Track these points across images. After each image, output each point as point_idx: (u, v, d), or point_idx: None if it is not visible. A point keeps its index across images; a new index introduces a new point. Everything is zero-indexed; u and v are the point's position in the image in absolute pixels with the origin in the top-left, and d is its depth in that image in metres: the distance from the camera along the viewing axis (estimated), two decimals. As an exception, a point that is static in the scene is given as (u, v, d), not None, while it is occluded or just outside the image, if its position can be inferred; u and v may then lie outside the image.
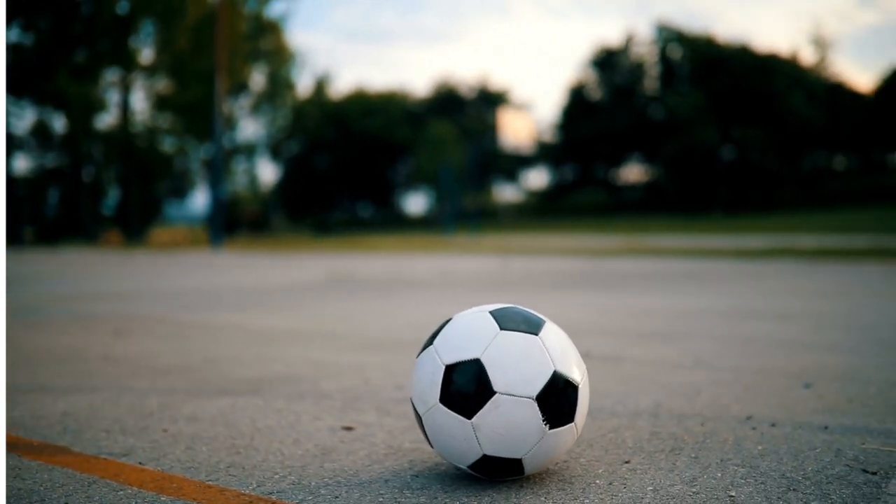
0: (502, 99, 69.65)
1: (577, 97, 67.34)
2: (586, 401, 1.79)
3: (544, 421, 1.67)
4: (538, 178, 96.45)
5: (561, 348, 1.76)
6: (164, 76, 36.55)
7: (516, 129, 56.92)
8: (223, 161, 24.50)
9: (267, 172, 64.99)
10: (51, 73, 32.09)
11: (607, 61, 67.15)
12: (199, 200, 44.60)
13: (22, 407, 2.60)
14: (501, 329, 1.74)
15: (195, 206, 45.58)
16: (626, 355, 3.65)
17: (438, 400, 1.72)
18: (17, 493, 1.75)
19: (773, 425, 2.30)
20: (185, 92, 35.09)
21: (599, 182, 69.35)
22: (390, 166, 66.69)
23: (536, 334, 1.75)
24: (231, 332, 4.57)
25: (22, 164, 35.89)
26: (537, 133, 67.63)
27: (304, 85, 64.78)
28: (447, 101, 69.06)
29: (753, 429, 2.27)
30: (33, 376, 3.17)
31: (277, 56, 43.78)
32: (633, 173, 69.72)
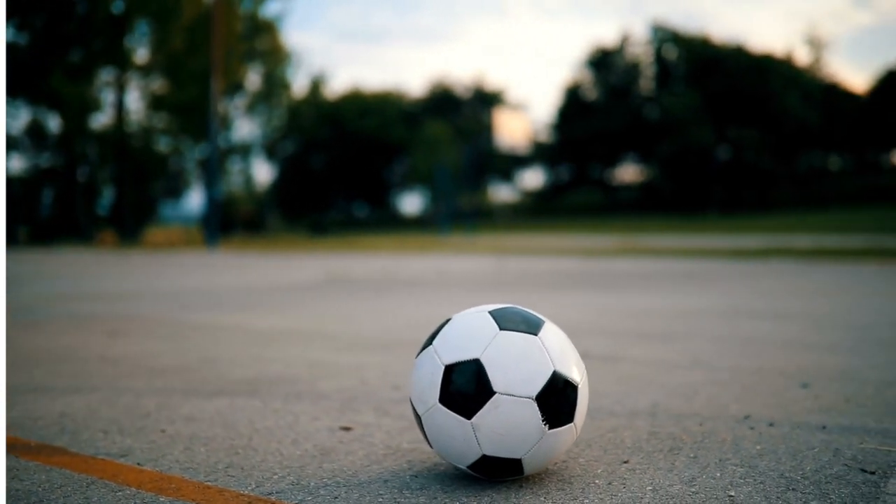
0: (498, 99, 69.73)
1: (573, 97, 67.47)
2: (586, 401, 1.79)
3: (544, 421, 1.67)
4: (533, 179, 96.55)
5: (560, 348, 1.76)
6: (160, 76, 36.52)
7: (512, 129, 56.88)
8: (218, 161, 24.46)
9: (262, 172, 65.12)
10: (45, 72, 32.04)
11: (603, 61, 67.28)
12: (195, 200, 44.58)
13: (19, 407, 2.60)
14: (501, 329, 1.74)
15: (190, 206, 45.55)
16: (624, 355, 3.65)
17: (438, 400, 1.71)
18: (16, 493, 1.74)
19: (771, 425, 2.31)
20: (181, 92, 35.07)
21: (595, 182, 69.46)
22: (386, 166, 66.74)
23: (536, 334, 1.75)
24: (228, 333, 4.56)
25: (16, 163, 35.85)
26: (533, 133, 67.70)
27: (299, 85, 64.98)
28: (443, 101, 69.11)
29: (751, 428, 2.27)
30: (30, 377, 3.16)
31: (273, 56, 43.75)
32: (628, 173, 69.92)
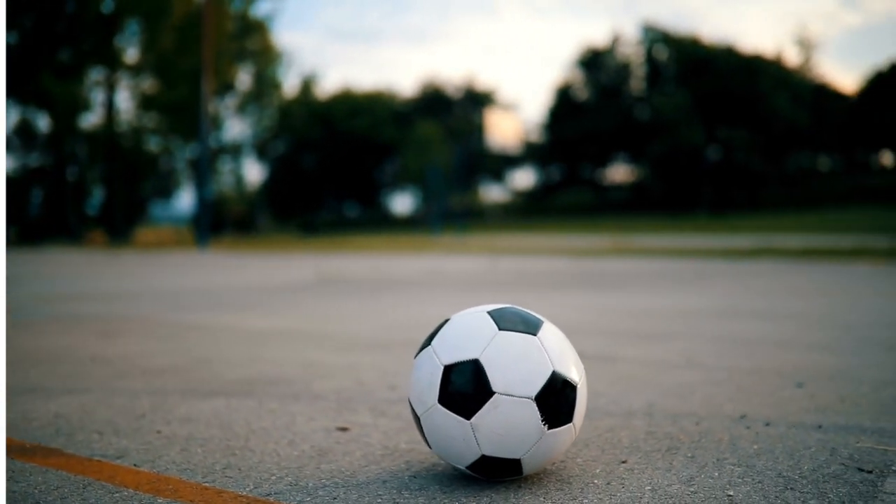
0: (489, 99, 69.83)
1: (564, 97, 67.61)
2: (584, 401, 1.79)
3: (543, 421, 1.67)
4: (524, 178, 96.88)
5: (559, 348, 1.76)
6: (150, 75, 36.42)
7: (503, 129, 57.05)
8: (209, 161, 24.39)
9: (253, 172, 64.79)
10: (35, 71, 31.87)
11: (594, 62, 67.46)
12: (185, 200, 44.49)
13: (14, 408, 2.58)
14: (500, 329, 1.74)
15: (180, 206, 45.44)
16: (620, 355, 3.66)
17: (437, 400, 1.71)
18: (13, 495, 1.73)
19: (768, 424, 2.32)
20: (171, 91, 34.97)
21: (585, 182, 69.65)
22: (377, 166, 66.70)
23: (535, 334, 1.74)
24: (223, 333, 4.55)
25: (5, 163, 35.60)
26: (524, 133, 67.92)
27: (290, 85, 64.76)
28: (434, 101, 69.12)
29: (748, 428, 2.28)
30: (24, 377, 3.14)
31: (264, 56, 43.66)
32: (619, 173, 70.16)
